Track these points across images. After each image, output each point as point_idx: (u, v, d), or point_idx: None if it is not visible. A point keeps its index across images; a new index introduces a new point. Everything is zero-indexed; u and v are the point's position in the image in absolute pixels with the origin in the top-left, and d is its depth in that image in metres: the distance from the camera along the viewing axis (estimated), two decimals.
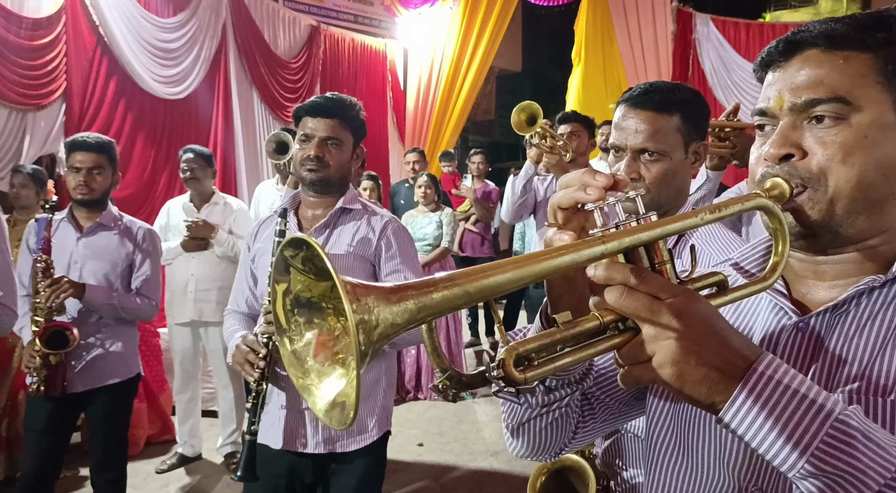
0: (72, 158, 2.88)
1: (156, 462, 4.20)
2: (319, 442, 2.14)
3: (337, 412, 0.65)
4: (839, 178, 0.81)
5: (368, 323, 0.60)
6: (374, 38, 9.47)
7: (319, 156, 2.13)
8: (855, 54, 0.82)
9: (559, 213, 0.81)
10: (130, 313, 2.95)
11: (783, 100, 0.85)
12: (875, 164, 0.81)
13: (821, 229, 0.84)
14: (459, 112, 9.33)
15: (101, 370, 2.89)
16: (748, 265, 0.96)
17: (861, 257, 0.86)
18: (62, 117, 5.60)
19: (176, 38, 6.53)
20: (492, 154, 16.04)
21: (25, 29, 5.28)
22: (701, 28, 8.65)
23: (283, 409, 2.15)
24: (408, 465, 4.23)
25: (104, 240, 2.95)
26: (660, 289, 0.71)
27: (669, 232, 0.75)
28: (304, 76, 8.13)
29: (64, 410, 2.84)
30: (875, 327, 0.82)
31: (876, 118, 0.81)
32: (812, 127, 0.83)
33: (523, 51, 14.59)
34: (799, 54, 0.86)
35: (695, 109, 1.59)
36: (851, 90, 0.81)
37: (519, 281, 0.69)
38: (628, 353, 0.73)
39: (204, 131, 6.90)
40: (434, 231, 5.53)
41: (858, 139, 0.81)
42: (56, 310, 2.73)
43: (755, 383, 0.69)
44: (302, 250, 0.66)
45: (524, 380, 0.70)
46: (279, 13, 7.95)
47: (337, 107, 2.18)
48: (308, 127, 2.15)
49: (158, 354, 4.59)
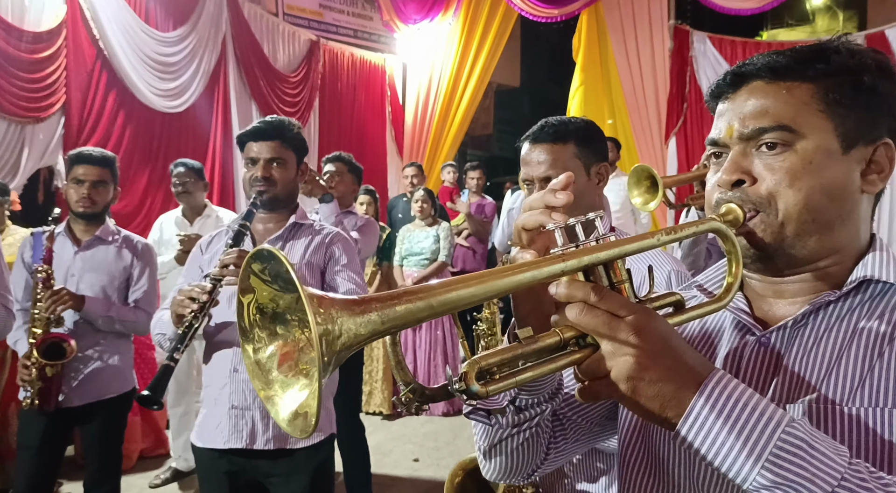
0: (74, 171, 2.88)
1: (149, 476, 4.18)
2: (269, 439, 2.20)
3: (300, 421, 0.67)
4: (787, 201, 0.86)
5: (331, 333, 0.62)
6: (374, 52, 9.52)
7: (266, 176, 2.29)
8: (797, 85, 0.88)
9: (524, 234, 0.85)
10: (128, 326, 2.95)
11: (733, 129, 0.91)
12: (821, 188, 0.86)
13: (774, 252, 0.88)
14: (458, 127, 9.37)
15: (97, 385, 2.88)
16: (710, 286, 1.00)
17: (814, 277, 0.90)
18: (61, 130, 5.61)
19: (175, 52, 6.56)
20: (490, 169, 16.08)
21: (26, 42, 5.30)
22: (698, 46, 8.70)
23: (234, 409, 2.20)
24: (403, 480, 4.20)
25: (102, 254, 2.95)
26: (619, 306, 0.74)
27: (627, 252, 0.78)
28: (304, 90, 8.16)
29: (58, 425, 2.83)
30: (831, 338, 0.86)
31: (819, 144, 0.86)
32: (761, 154, 0.88)
33: (522, 66, 14.66)
34: (745, 86, 0.91)
35: (587, 134, 1.76)
36: (795, 118, 0.86)
37: (481, 296, 0.71)
38: (587, 368, 0.75)
39: (202, 145, 6.92)
40: (431, 245, 5.53)
41: (804, 164, 0.86)
42: (55, 321, 2.72)
43: (707, 397, 0.72)
44: (268, 263, 0.67)
45: (486, 393, 0.71)
46: (279, 27, 7.99)
47: (276, 130, 2.33)
48: (253, 151, 2.31)
49: (153, 367, 4.57)
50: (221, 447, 2.21)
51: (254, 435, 2.19)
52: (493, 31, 9.17)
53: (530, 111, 16.58)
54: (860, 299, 0.87)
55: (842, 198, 0.87)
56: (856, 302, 0.87)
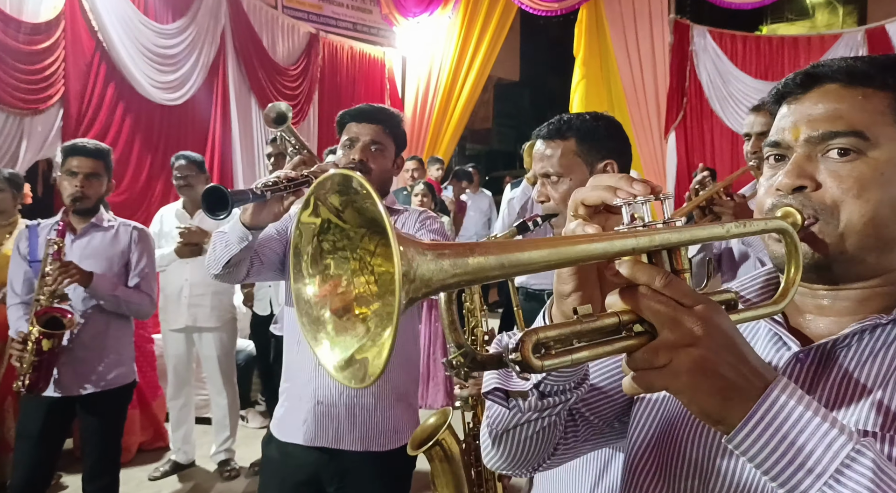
0: (68, 163, 2.86)
1: (149, 469, 4.18)
2: (356, 440, 2.11)
3: (355, 369, 0.62)
4: (852, 212, 0.81)
5: (407, 276, 0.57)
6: (373, 46, 9.50)
7: (363, 160, 2.16)
8: (874, 92, 0.83)
9: (581, 208, 0.79)
10: (132, 307, 2.94)
11: (799, 131, 0.85)
12: (889, 201, 0.81)
13: (832, 262, 0.83)
14: (457, 120, 9.35)
15: (99, 375, 2.87)
16: (748, 295, 0.95)
17: (863, 296, 0.86)
18: (59, 122, 5.60)
19: (175, 44, 6.54)
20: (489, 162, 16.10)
21: (24, 33, 5.28)
22: (698, 40, 8.68)
23: (319, 405, 2.11)
24: None
25: (98, 240, 2.94)
26: (684, 295, 0.69)
27: (698, 238, 0.75)
28: (303, 83, 8.14)
29: (59, 415, 2.82)
30: (875, 364, 0.81)
31: (892, 156, 0.81)
32: (827, 160, 0.83)
33: (521, 60, 14.62)
34: (817, 88, 0.86)
35: (589, 131, 1.71)
36: (870, 126, 0.81)
37: (553, 261, 0.67)
38: (642, 357, 0.69)
39: (202, 137, 6.91)
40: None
41: (874, 175, 0.81)
42: (60, 297, 2.70)
43: (771, 404, 0.67)
44: (346, 192, 0.61)
45: (541, 367, 0.67)
46: (278, 20, 7.97)
47: (382, 113, 2.22)
48: (352, 131, 2.19)
49: (152, 360, 4.57)
50: (307, 444, 2.13)
51: (339, 434, 2.11)
52: (493, 24, 9.14)
53: (530, 105, 16.55)
54: None
55: None
56: None
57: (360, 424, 2.12)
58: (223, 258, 1.99)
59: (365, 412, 2.12)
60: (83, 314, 2.85)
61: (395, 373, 2.18)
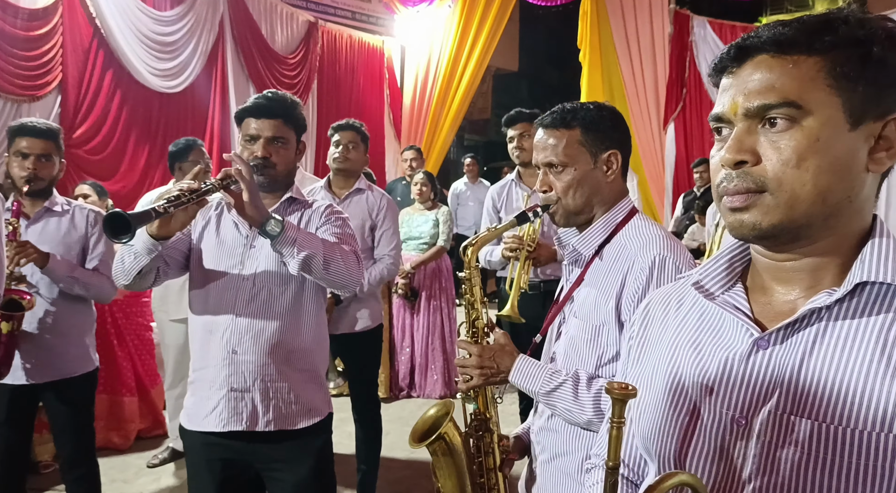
0: (17, 144, 2.74)
1: (147, 456, 4.19)
2: (270, 421, 2.15)
3: None
4: (794, 183, 0.83)
5: None
6: (372, 35, 9.46)
7: (266, 156, 2.19)
8: (804, 58, 0.84)
9: None
10: (92, 289, 2.86)
11: (737, 105, 0.87)
12: (829, 167, 0.83)
13: (781, 231, 0.86)
14: (456, 110, 9.33)
15: (61, 363, 2.82)
16: (709, 284, 0.99)
17: (815, 265, 0.89)
18: (57, 109, 5.57)
19: (173, 32, 6.51)
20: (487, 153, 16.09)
21: (21, 19, 5.24)
22: (698, 31, 8.67)
23: (233, 391, 2.14)
24: (401, 462, 4.23)
25: (53, 225, 2.85)
26: None
27: None
28: (302, 72, 8.11)
29: (24, 401, 2.79)
30: (830, 348, 0.85)
31: (826, 121, 0.83)
32: (766, 132, 0.85)
33: (520, 50, 14.60)
34: (750, 60, 0.87)
35: (594, 120, 1.70)
36: (802, 94, 0.83)
37: None
38: None
39: (200, 125, 6.88)
40: (430, 229, 5.52)
41: (811, 143, 0.82)
42: (17, 278, 2.64)
43: None
44: None
45: None
46: (277, 8, 7.93)
47: (279, 106, 2.22)
48: (252, 128, 2.20)
49: (151, 348, 4.56)
50: (220, 431, 2.14)
51: (254, 417, 2.14)
52: (492, 14, 9.12)
53: (528, 95, 16.53)
54: (856, 304, 0.85)
55: (849, 177, 0.84)
56: (852, 307, 0.85)
57: (273, 407, 2.16)
58: (133, 270, 2.05)
59: (279, 395, 2.16)
60: (52, 302, 2.79)
61: (310, 355, 2.24)
